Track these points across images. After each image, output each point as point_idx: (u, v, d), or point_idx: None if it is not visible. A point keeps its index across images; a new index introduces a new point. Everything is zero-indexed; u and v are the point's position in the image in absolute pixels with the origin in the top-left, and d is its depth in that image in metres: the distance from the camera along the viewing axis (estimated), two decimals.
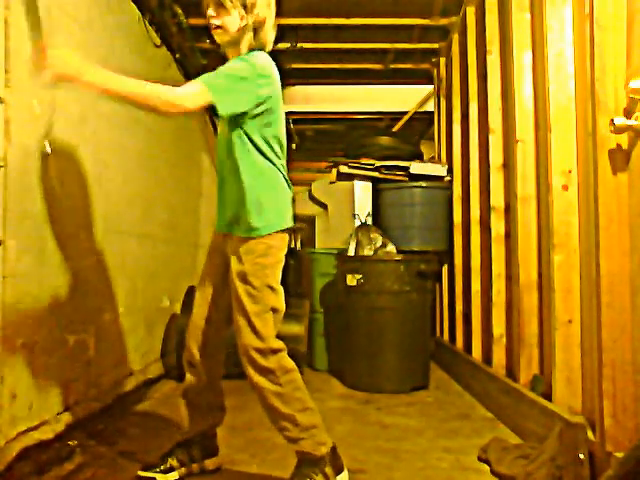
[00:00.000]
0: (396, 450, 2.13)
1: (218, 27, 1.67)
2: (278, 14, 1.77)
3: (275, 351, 1.68)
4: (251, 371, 1.67)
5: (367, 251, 3.45)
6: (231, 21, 1.67)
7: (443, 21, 3.79)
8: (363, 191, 4.00)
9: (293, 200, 1.87)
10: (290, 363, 1.71)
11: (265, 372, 1.66)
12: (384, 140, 4.24)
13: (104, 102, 2.52)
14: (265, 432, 2.13)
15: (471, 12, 3.37)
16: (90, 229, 2.39)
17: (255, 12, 1.68)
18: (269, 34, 1.75)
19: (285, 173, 1.78)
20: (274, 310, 1.71)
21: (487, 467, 1.93)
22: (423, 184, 3.86)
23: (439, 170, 3.94)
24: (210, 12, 1.66)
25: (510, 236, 2.69)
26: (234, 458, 2.01)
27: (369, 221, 3.90)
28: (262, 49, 1.73)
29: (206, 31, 1.81)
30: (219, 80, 1.62)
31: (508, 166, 2.75)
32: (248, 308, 1.68)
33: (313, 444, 1.68)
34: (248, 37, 1.71)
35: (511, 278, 2.66)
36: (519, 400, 2.27)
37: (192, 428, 1.85)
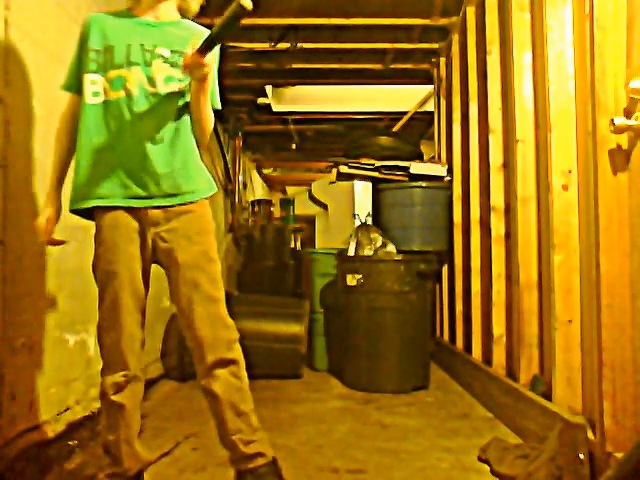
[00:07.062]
0: (396, 450, 2.13)
1: None
2: (278, 14, 1.77)
3: (237, 340, 1.58)
4: (216, 366, 1.53)
5: (367, 251, 3.44)
6: None
7: (443, 21, 3.78)
8: (363, 191, 4.00)
9: None
10: None
11: (229, 364, 1.55)
12: (384, 140, 4.24)
13: None
14: None
15: (471, 12, 3.37)
16: (90, 229, 2.38)
17: None
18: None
19: None
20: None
21: (487, 467, 1.93)
22: (423, 184, 3.86)
23: (439, 170, 3.94)
24: None
25: (510, 236, 2.69)
26: None
27: (369, 221, 3.90)
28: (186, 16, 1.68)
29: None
30: (217, 93, 1.67)
31: (508, 166, 2.75)
32: (214, 294, 1.55)
33: (264, 446, 1.57)
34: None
35: (511, 278, 2.66)
36: (519, 400, 2.27)
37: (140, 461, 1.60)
